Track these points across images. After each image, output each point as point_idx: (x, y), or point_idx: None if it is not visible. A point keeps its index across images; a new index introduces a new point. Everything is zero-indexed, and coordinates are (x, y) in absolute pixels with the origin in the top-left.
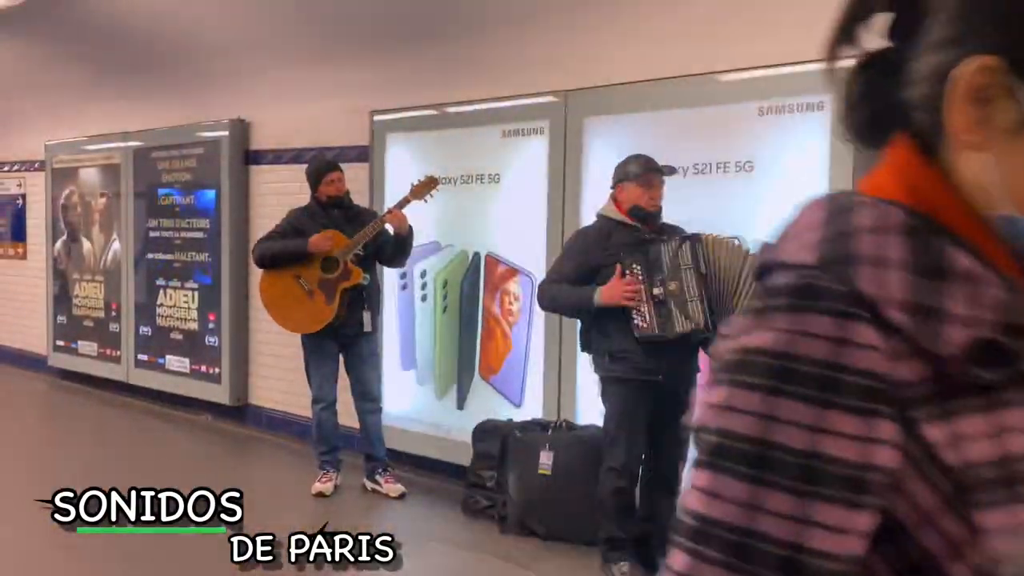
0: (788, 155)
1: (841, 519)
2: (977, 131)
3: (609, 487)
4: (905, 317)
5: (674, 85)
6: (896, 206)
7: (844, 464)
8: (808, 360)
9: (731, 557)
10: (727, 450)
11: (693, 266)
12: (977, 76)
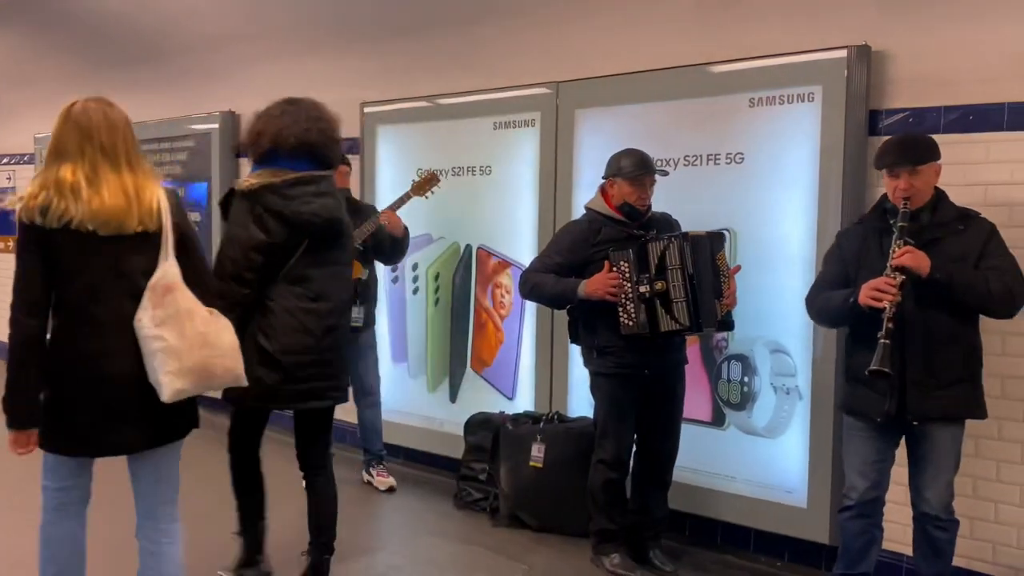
0: (778, 146)
1: None
2: None
3: (600, 479)
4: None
5: (665, 77)
6: None
7: None
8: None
9: None
10: None
11: (680, 266)
12: None
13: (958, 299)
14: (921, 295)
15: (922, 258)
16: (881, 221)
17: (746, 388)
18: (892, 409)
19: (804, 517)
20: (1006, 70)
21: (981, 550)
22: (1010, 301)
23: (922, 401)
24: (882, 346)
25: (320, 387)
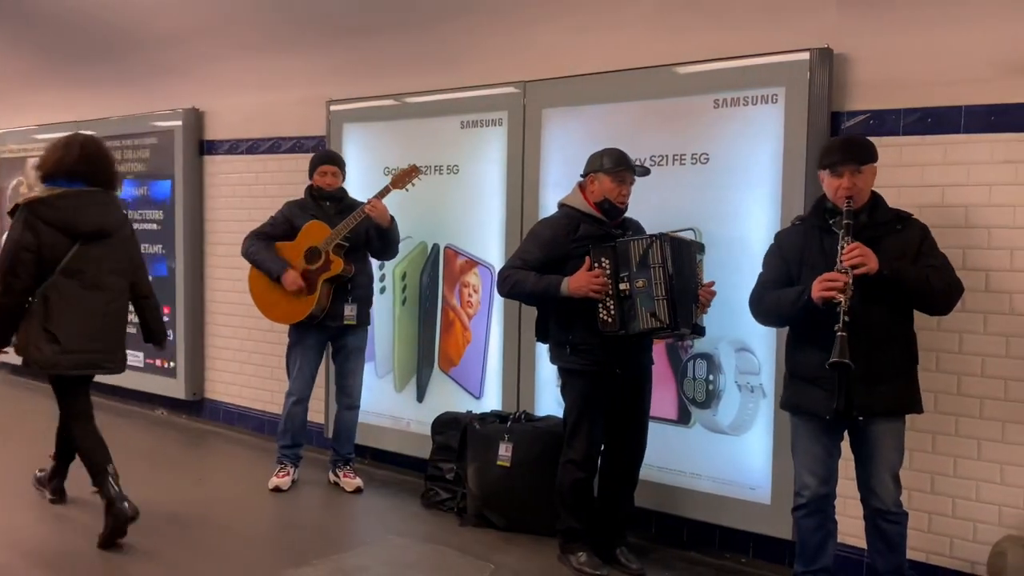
0: (743, 147)
1: None
2: None
3: (569, 479)
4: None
5: (632, 77)
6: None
7: None
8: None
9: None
10: None
11: (661, 265)
12: None
13: (903, 295)
14: (864, 293)
15: (871, 254)
16: (822, 220)
17: (711, 386)
18: (841, 405)
19: (768, 513)
20: (964, 74)
21: (939, 544)
22: (949, 297)
23: (867, 396)
24: (840, 339)
25: (95, 359)
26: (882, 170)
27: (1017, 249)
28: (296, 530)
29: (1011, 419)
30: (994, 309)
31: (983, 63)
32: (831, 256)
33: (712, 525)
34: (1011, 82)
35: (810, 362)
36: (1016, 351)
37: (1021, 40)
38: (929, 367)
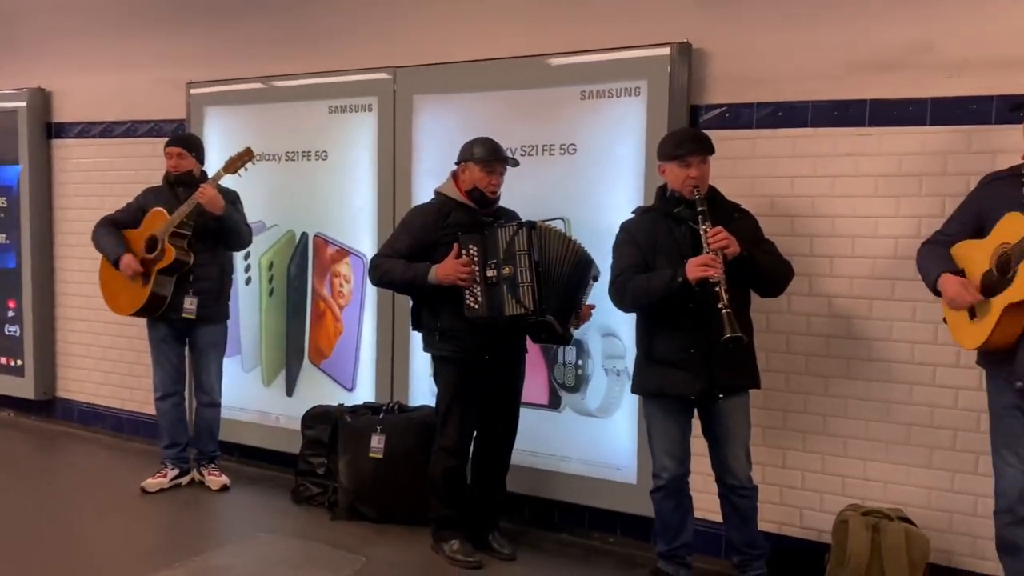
0: (608, 138)
1: None
2: None
3: (441, 467)
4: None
5: (502, 66)
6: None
7: None
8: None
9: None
10: None
11: (527, 252)
12: None
13: (753, 277)
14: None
15: (734, 239)
16: (669, 210)
17: (580, 371)
18: (705, 385)
19: (633, 493)
20: (813, 70)
21: (790, 515)
22: (785, 279)
23: (726, 375)
24: (726, 315)
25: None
26: (737, 161)
27: (858, 237)
28: (158, 532)
29: (853, 396)
30: (838, 293)
31: (829, 61)
32: (683, 244)
33: (582, 506)
34: (853, 79)
35: (671, 346)
36: (857, 332)
37: (862, 40)
38: (780, 348)
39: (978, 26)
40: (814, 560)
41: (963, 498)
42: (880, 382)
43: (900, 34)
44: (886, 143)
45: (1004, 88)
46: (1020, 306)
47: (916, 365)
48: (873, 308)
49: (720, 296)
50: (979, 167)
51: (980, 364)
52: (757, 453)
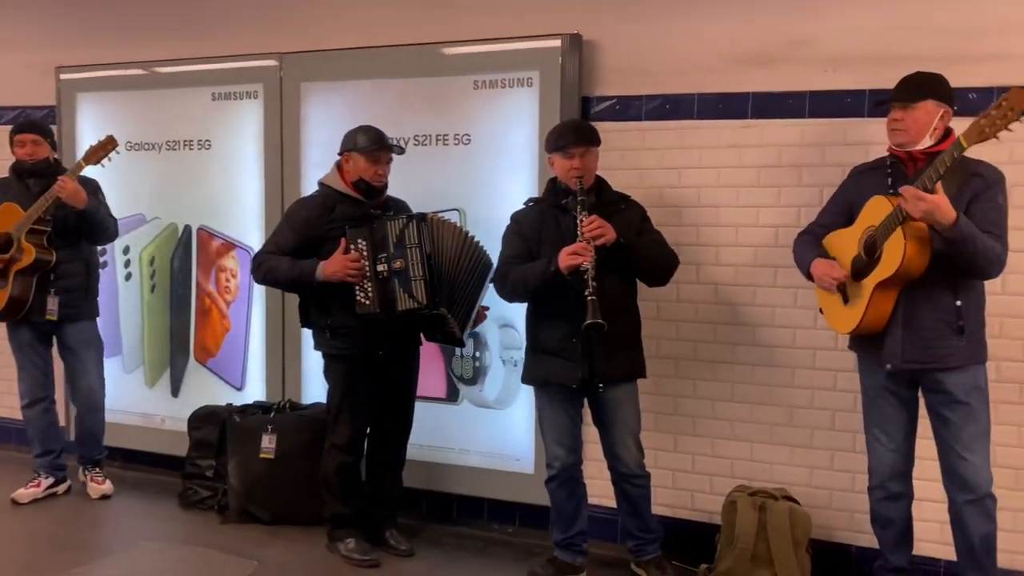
0: (502, 129)
1: None
2: None
3: (333, 464)
4: None
5: (395, 54)
6: None
7: None
8: None
9: None
10: None
11: (418, 245)
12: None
13: (635, 266)
14: (600, 268)
15: (609, 226)
16: (556, 201)
17: (478, 363)
18: (586, 374)
19: (531, 483)
20: (698, 64)
21: (682, 498)
22: (669, 268)
23: (606, 365)
24: (591, 302)
25: None
26: (627, 153)
27: (741, 226)
28: (32, 546)
29: (740, 380)
30: (724, 281)
31: (713, 55)
32: (567, 234)
33: (481, 499)
34: (736, 73)
35: (554, 335)
36: (742, 318)
37: (744, 35)
38: (670, 336)
39: (852, 23)
40: (706, 541)
41: (842, 476)
42: (764, 366)
43: (780, 30)
44: (767, 135)
45: (875, 83)
46: (889, 283)
47: (797, 349)
48: (757, 295)
49: (587, 283)
50: (854, 158)
51: (852, 348)
52: (649, 439)
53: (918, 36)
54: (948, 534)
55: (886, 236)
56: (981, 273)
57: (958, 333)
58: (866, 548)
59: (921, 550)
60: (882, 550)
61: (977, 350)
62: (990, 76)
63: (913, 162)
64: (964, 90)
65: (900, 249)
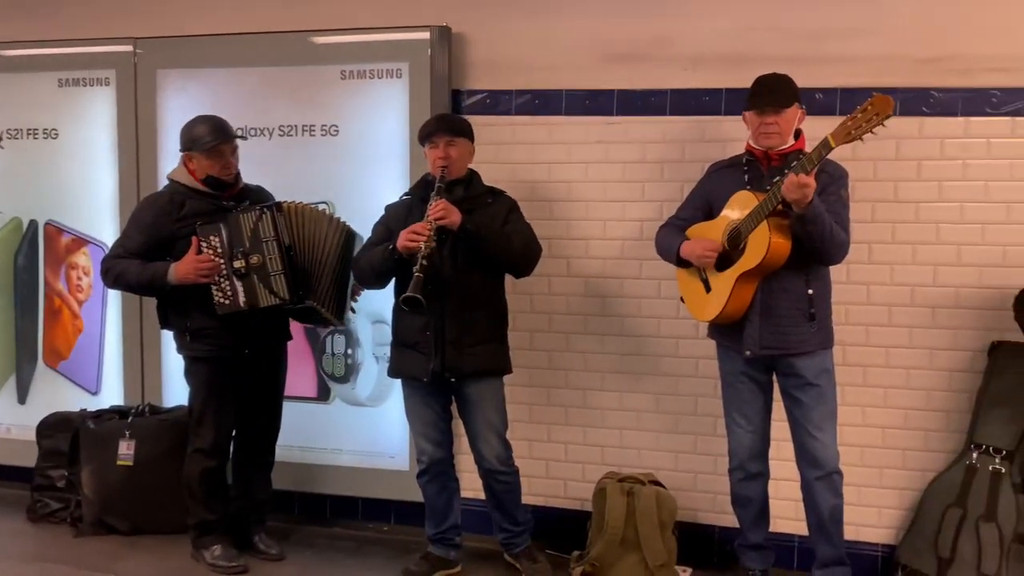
0: (371, 120)
1: None
2: None
3: (197, 469)
4: None
5: (258, 41)
6: None
7: None
8: None
9: None
10: None
11: (275, 237)
12: None
13: (486, 251)
14: (457, 260)
15: (454, 210)
16: (424, 192)
17: (350, 360)
18: (437, 367)
19: (406, 479)
20: (566, 60)
21: (556, 487)
22: (529, 258)
23: (459, 359)
24: (416, 278)
25: None
26: (498, 148)
27: (609, 220)
28: None
29: (609, 369)
30: (593, 274)
31: (580, 51)
32: None
33: (355, 498)
34: (601, 70)
35: (410, 327)
36: (611, 309)
37: (608, 32)
38: (543, 328)
39: (709, 24)
40: (580, 528)
41: (704, 459)
42: (632, 355)
43: (642, 28)
44: (632, 131)
45: (730, 82)
46: (751, 274)
47: (662, 338)
48: (624, 287)
49: (417, 260)
50: (712, 154)
51: (711, 336)
52: (524, 430)
53: (769, 38)
54: (801, 511)
55: (751, 229)
56: (828, 258)
57: (810, 320)
58: (728, 528)
59: (777, 527)
60: (742, 528)
61: (826, 336)
62: (835, 78)
63: (768, 160)
64: (811, 90)
65: (765, 241)
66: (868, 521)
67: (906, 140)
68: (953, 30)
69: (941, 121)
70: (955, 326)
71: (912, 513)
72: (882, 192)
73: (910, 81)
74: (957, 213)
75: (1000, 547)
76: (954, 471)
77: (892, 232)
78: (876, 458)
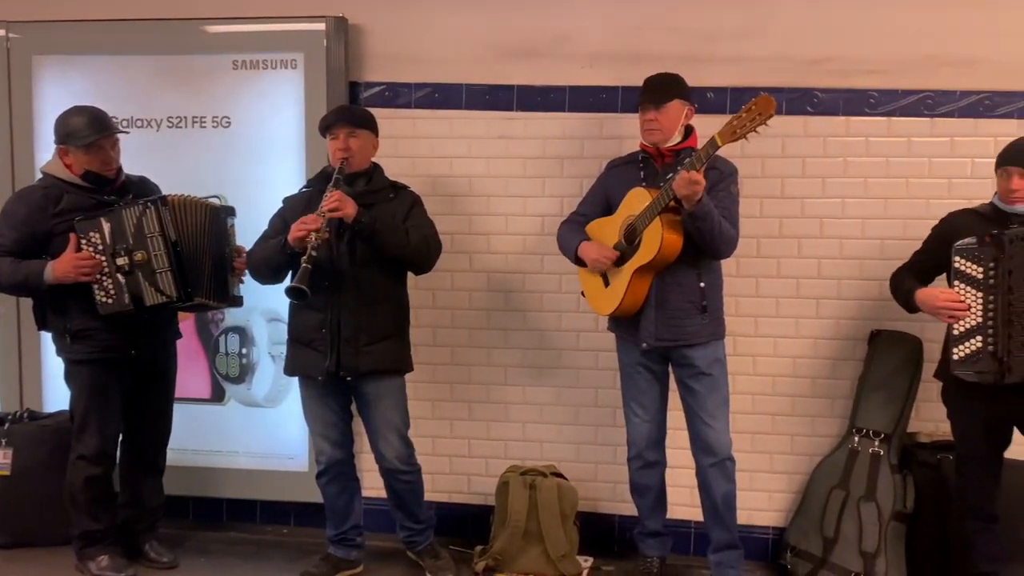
0: (265, 112)
1: None
2: None
3: (80, 477)
4: None
5: (145, 28)
6: None
7: None
8: None
9: None
10: None
11: (161, 233)
12: None
13: (382, 245)
14: (355, 256)
15: (348, 202)
16: (324, 184)
17: (245, 360)
18: (332, 366)
19: (306, 480)
20: (466, 54)
21: (459, 483)
22: (427, 254)
23: (355, 357)
24: (303, 268)
25: None
26: (399, 141)
27: (510, 215)
28: None
29: (512, 364)
30: (496, 268)
31: (480, 46)
32: None
33: (253, 501)
34: (501, 65)
35: (306, 325)
36: (513, 304)
37: (507, 28)
38: (446, 323)
39: (606, 22)
40: (482, 523)
41: (605, 449)
42: (535, 349)
43: (541, 25)
44: (532, 127)
45: (627, 80)
46: (646, 269)
47: (564, 332)
48: (526, 281)
49: (307, 250)
50: (610, 151)
51: (610, 329)
52: (427, 426)
53: (663, 37)
54: (697, 497)
55: (645, 225)
56: (718, 252)
57: (702, 312)
58: (627, 516)
59: (674, 513)
60: (640, 516)
61: (718, 327)
62: (726, 77)
63: (661, 158)
64: (703, 89)
65: (658, 237)
66: (759, 505)
67: (792, 138)
68: (836, 33)
69: (824, 120)
70: (837, 316)
71: (800, 496)
72: (769, 188)
73: (796, 81)
74: (839, 208)
75: (879, 525)
76: (838, 454)
77: (779, 227)
78: (766, 444)
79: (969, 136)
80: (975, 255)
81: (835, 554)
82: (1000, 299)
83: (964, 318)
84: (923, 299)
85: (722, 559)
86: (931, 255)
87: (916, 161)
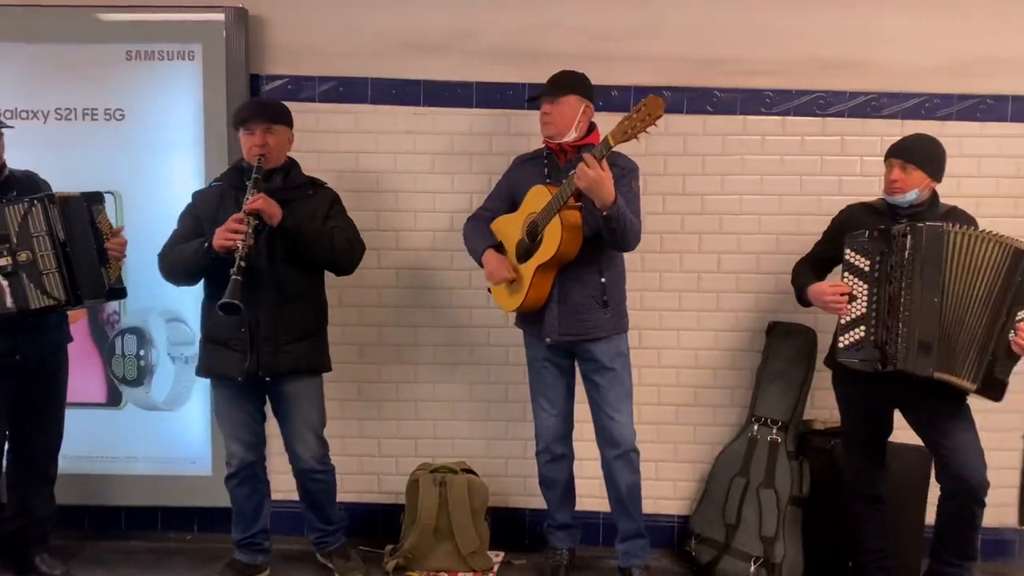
0: (160, 105)
1: None
2: None
3: None
4: None
5: (29, 15)
6: None
7: None
8: None
9: None
10: None
11: (48, 232)
12: None
13: (306, 249)
14: (274, 254)
15: (274, 205)
16: (238, 179)
17: (143, 362)
18: (252, 367)
19: (210, 484)
20: (371, 48)
21: (369, 483)
22: (352, 256)
23: (273, 357)
24: (234, 282)
25: None
26: (301, 135)
27: (419, 211)
28: None
29: (422, 361)
30: (405, 265)
31: (384, 40)
32: None
33: (154, 508)
34: (408, 60)
35: (223, 324)
36: (424, 301)
37: (413, 23)
38: (353, 322)
39: (511, 19)
40: (393, 522)
41: (515, 444)
42: (445, 346)
43: (446, 21)
44: (440, 122)
45: (532, 77)
46: (548, 266)
47: (474, 328)
48: (436, 278)
49: (235, 261)
50: (517, 147)
51: (518, 325)
52: (335, 426)
53: (568, 36)
54: (604, 489)
55: (546, 222)
56: (626, 246)
57: (603, 307)
58: (537, 510)
59: (583, 505)
60: (550, 509)
61: (620, 321)
62: (629, 76)
63: (564, 154)
64: (607, 88)
65: (557, 235)
66: (665, 494)
67: (692, 136)
68: (733, 35)
69: (723, 119)
70: (736, 309)
71: (703, 484)
72: (671, 185)
73: (696, 81)
74: (737, 204)
75: (777, 510)
76: (738, 443)
77: (681, 223)
78: (670, 434)
79: (858, 135)
80: (864, 248)
81: (737, 539)
82: (883, 291)
83: (848, 313)
84: (813, 295)
85: (629, 548)
86: (829, 246)
87: (809, 159)
